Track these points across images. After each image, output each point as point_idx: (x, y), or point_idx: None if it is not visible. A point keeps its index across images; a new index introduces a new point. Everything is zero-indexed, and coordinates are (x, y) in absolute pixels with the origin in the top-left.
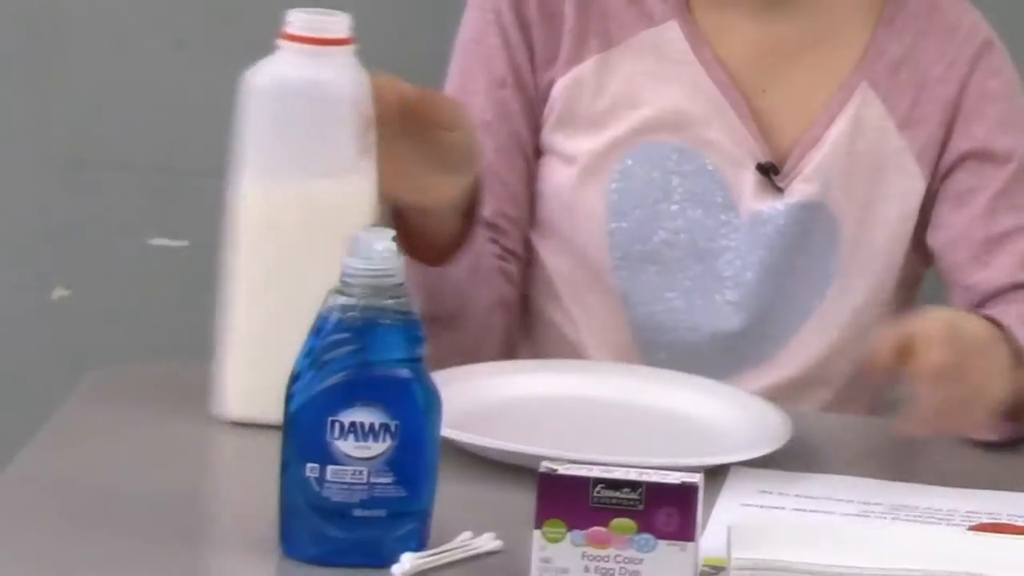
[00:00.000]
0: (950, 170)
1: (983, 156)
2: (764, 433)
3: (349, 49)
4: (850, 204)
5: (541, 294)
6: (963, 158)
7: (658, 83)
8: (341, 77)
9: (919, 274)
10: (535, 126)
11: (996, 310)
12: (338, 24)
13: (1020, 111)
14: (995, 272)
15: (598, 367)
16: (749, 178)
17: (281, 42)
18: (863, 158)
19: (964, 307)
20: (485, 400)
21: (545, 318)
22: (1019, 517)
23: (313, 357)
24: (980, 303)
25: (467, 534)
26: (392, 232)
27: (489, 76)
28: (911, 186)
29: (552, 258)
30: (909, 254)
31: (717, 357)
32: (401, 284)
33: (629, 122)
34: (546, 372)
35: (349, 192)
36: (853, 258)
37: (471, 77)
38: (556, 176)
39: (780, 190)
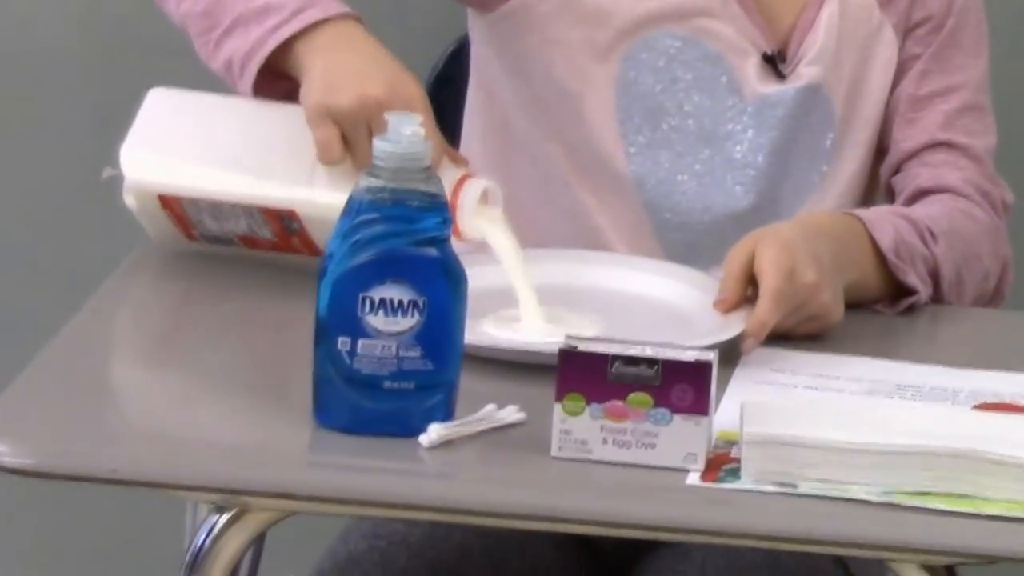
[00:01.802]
0: (904, 39)
1: (928, 24)
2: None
3: None
4: (840, 82)
5: (548, 186)
6: (916, 26)
7: None
8: None
9: None
10: None
11: (896, 177)
12: None
13: None
14: (918, 130)
15: (584, 256)
16: (752, 64)
17: None
18: (851, 37)
19: (891, 166)
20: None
21: (557, 207)
22: (1021, 396)
23: (344, 236)
24: (904, 160)
25: (491, 406)
26: (419, 117)
27: None
28: (891, 55)
29: (561, 149)
30: None
31: (730, 235)
32: (428, 167)
33: (633, 13)
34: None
35: None
36: (845, 132)
37: None
38: (557, 64)
39: (783, 76)
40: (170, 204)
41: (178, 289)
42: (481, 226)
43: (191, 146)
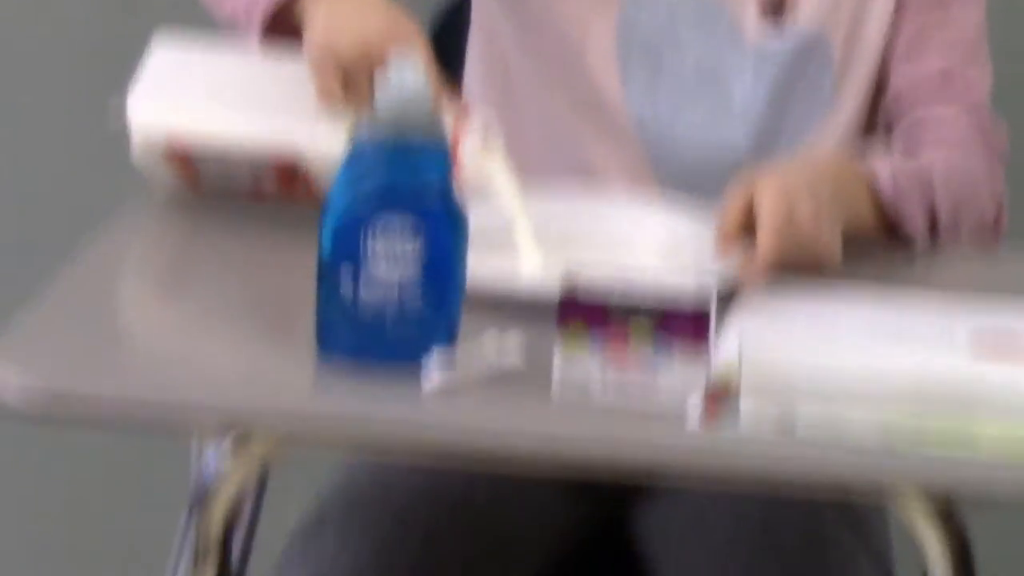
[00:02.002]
0: None
1: None
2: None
3: None
4: (839, 26)
5: (549, 129)
6: None
7: None
8: None
9: None
10: None
11: (893, 119)
12: None
13: None
14: (915, 69)
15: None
16: (752, 9)
17: None
18: None
19: (888, 108)
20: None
21: (558, 150)
22: (1019, 331)
23: (347, 178)
24: (901, 102)
25: (492, 343)
26: (421, 62)
27: None
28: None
29: (561, 93)
30: None
31: (729, 178)
32: (430, 110)
33: None
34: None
35: None
36: (844, 75)
37: None
38: (557, 8)
39: (782, 21)
40: (176, 158)
41: (186, 223)
42: (480, 164)
43: (195, 96)
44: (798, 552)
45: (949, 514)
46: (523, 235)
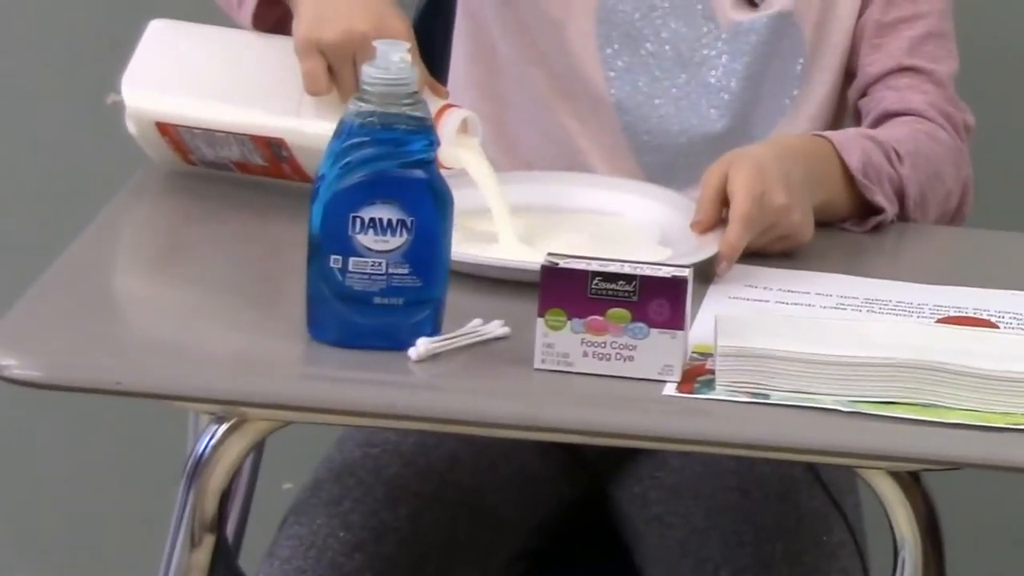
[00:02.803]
0: None
1: None
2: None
3: None
4: (809, 9)
5: (532, 109)
6: None
7: None
8: None
9: None
10: None
11: (863, 101)
12: None
13: None
14: (884, 55)
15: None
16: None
17: None
18: None
19: (858, 90)
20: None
21: (541, 129)
22: (983, 311)
23: (335, 159)
24: (870, 84)
25: (477, 321)
26: (407, 44)
27: None
28: None
29: (544, 73)
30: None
31: (705, 156)
32: (415, 92)
33: None
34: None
35: None
36: (815, 58)
37: None
38: None
39: (755, 3)
40: (167, 131)
41: (179, 209)
42: (459, 155)
43: (186, 77)
44: (774, 531)
45: (915, 482)
46: (500, 219)
